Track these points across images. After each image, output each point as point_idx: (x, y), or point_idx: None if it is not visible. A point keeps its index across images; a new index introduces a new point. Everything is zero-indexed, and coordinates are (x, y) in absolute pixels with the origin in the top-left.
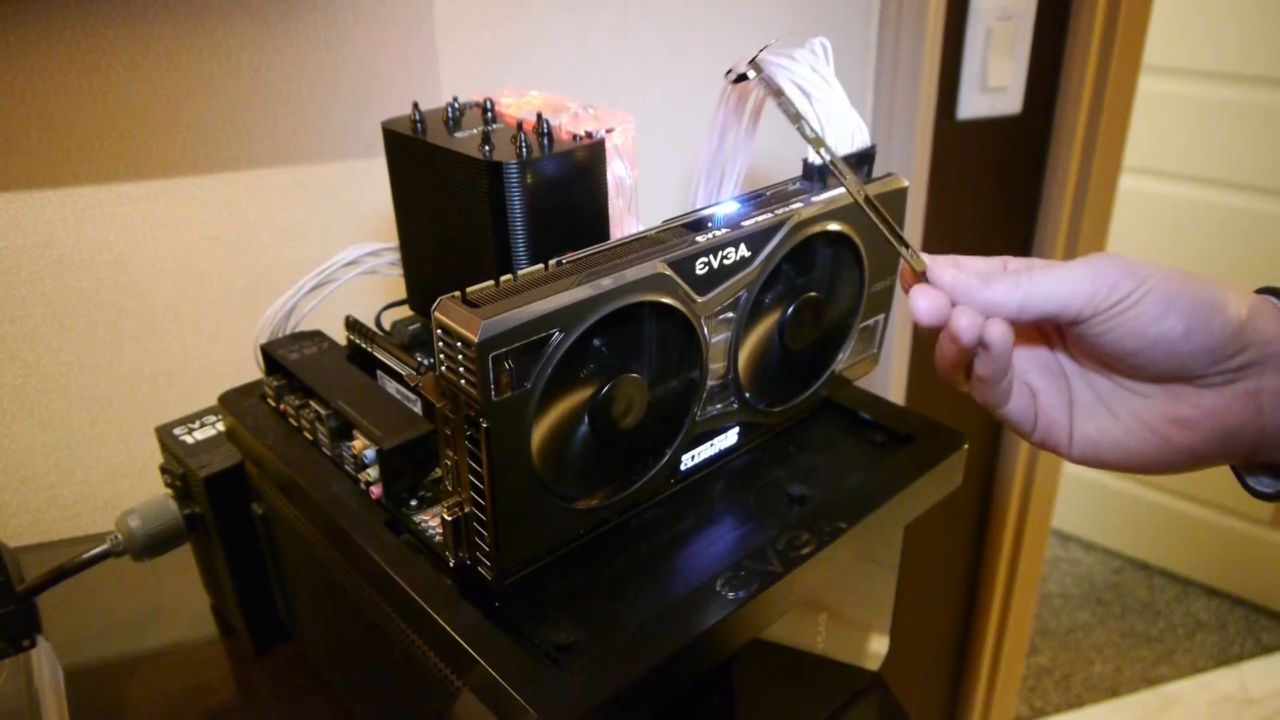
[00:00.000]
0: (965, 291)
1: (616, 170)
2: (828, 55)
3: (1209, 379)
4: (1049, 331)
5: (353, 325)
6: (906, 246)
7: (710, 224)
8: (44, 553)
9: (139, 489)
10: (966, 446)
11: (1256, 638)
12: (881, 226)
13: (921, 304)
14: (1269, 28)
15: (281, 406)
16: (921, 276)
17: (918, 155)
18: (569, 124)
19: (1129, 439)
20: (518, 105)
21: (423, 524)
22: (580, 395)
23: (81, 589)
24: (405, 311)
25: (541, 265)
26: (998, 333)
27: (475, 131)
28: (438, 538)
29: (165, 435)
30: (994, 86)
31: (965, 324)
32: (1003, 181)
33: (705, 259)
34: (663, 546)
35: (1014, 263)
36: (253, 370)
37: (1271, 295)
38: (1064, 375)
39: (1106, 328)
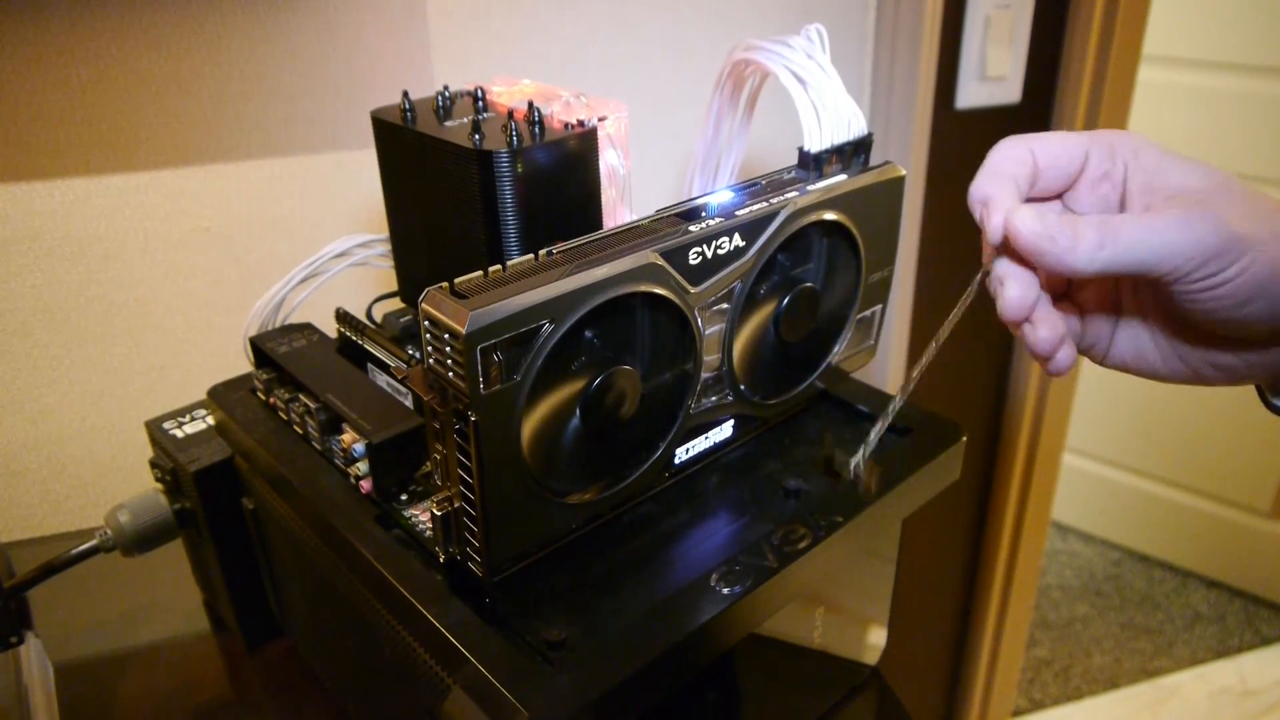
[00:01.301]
0: (1045, 254)
1: (609, 159)
2: (824, 43)
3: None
4: None
5: (343, 318)
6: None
7: (704, 213)
8: (34, 548)
9: (129, 484)
10: (965, 439)
11: (1255, 629)
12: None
13: (1012, 294)
14: (1269, 17)
15: (271, 400)
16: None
17: (915, 144)
18: (561, 112)
19: (1163, 367)
20: (509, 94)
21: (413, 519)
22: (572, 388)
23: (71, 585)
24: (397, 304)
25: (532, 255)
26: (1066, 359)
27: (465, 120)
28: (428, 533)
29: (155, 429)
30: (992, 76)
31: (1044, 337)
32: None
33: (699, 249)
34: (656, 541)
35: (1097, 159)
36: (243, 363)
37: None
38: (1118, 301)
39: (1185, 294)
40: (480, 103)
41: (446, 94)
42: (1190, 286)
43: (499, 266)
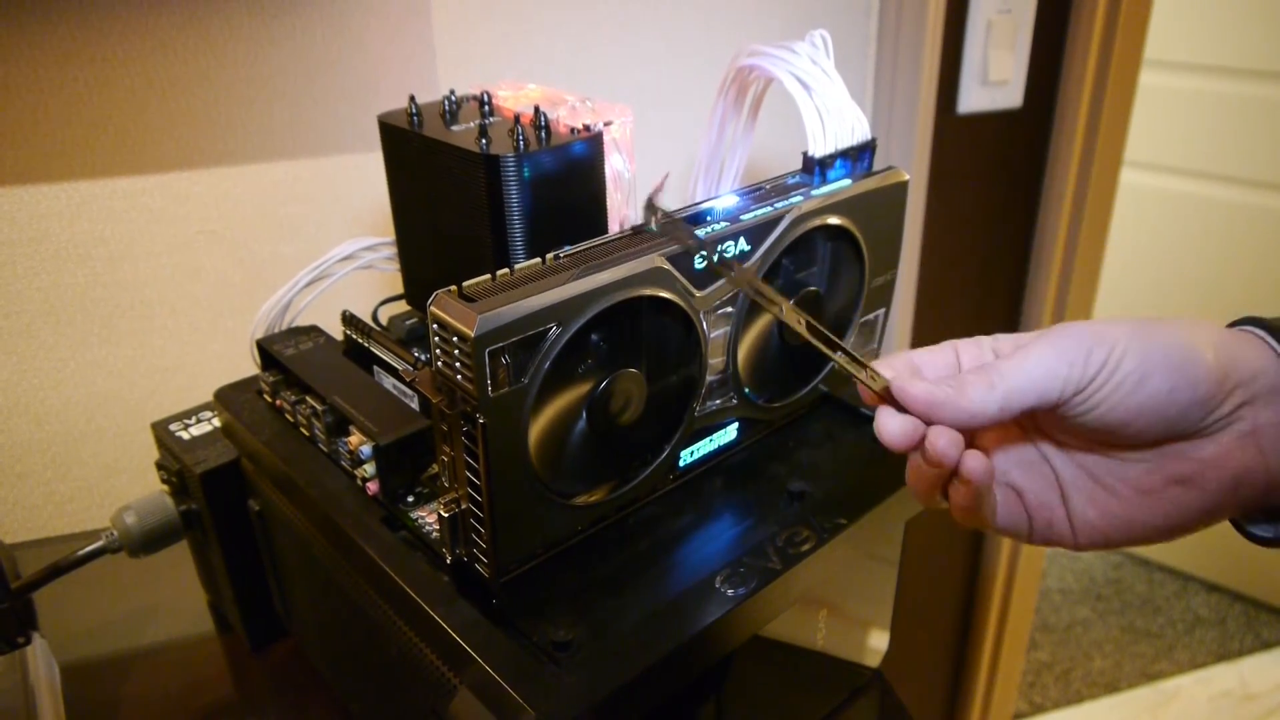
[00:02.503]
0: (941, 405)
1: (614, 163)
2: (828, 48)
3: (1203, 430)
4: (1023, 420)
5: (349, 320)
6: (864, 367)
7: (709, 217)
8: (40, 549)
9: (135, 485)
10: None
11: (1256, 633)
12: (825, 349)
13: (892, 428)
14: (1270, 22)
15: (278, 402)
16: (885, 394)
17: (918, 149)
18: (567, 117)
19: (1135, 512)
20: (515, 98)
21: (420, 520)
22: (578, 391)
23: (77, 586)
24: (402, 306)
25: (539, 259)
26: (978, 467)
27: (472, 125)
28: (435, 534)
29: (161, 431)
30: (995, 80)
31: (944, 445)
32: (1003, 176)
33: (704, 253)
34: (661, 543)
35: (967, 351)
36: (249, 366)
37: (1248, 326)
38: (1048, 464)
39: (1088, 405)
40: (486, 107)
41: (453, 98)
42: (1087, 393)
43: (507, 270)
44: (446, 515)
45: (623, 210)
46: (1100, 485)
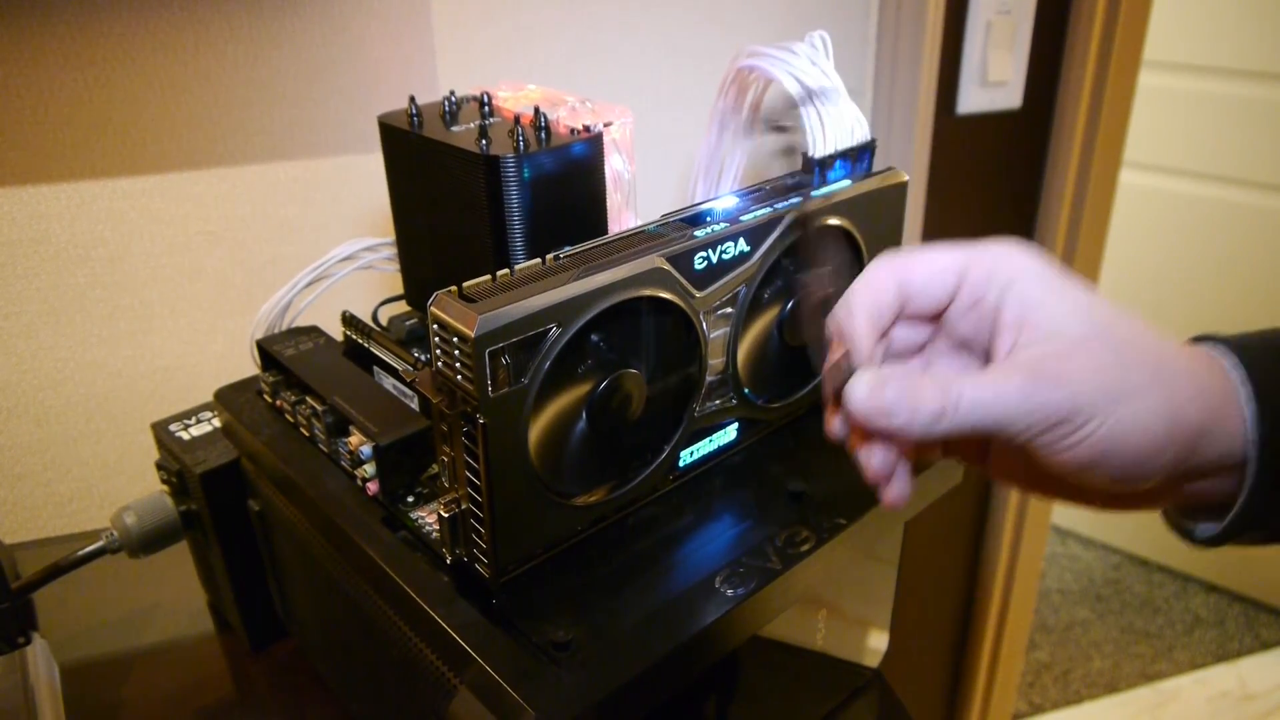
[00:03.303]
0: (882, 426)
1: (614, 164)
2: (827, 49)
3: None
4: None
5: (349, 321)
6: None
7: (709, 218)
8: (39, 549)
9: (135, 486)
10: None
11: (1255, 633)
12: None
13: (835, 431)
14: (1269, 23)
15: (278, 402)
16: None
17: (917, 150)
18: (567, 118)
19: (1048, 496)
20: (515, 99)
21: (420, 521)
22: (578, 391)
23: (77, 586)
24: (402, 307)
25: (539, 260)
26: (899, 498)
27: (472, 125)
28: (435, 534)
29: (161, 431)
30: (994, 81)
31: (878, 465)
32: (1003, 177)
33: (704, 254)
34: (661, 543)
35: (965, 320)
36: (249, 366)
37: (1212, 344)
38: (981, 448)
39: (1034, 451)
40: (486, 108)
41: (453, 99)
42: (1037, 447)
43: (507, 271)
44: (446, 515)
45: (622, 211)
46: (1031, 468)
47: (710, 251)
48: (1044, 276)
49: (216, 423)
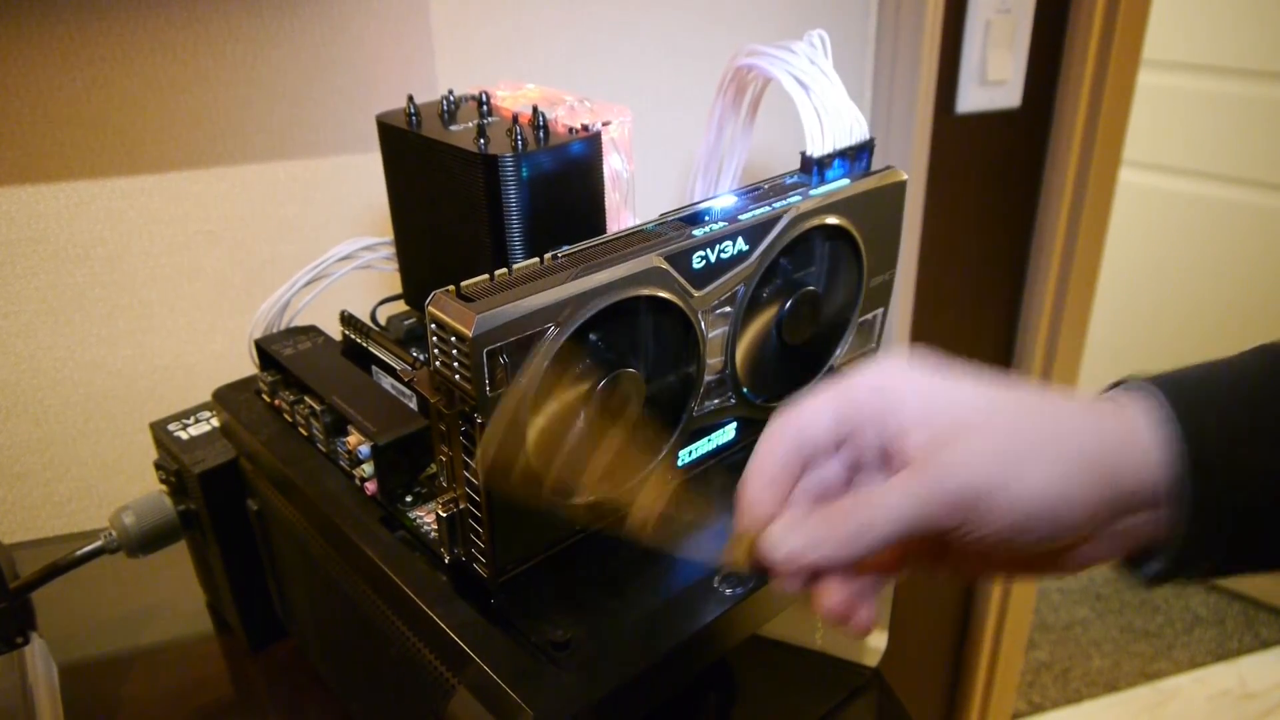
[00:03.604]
0: (803, 568)
1: (613, 163)
2: (826, 48)
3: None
4: None
5: (348, 320)
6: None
7: (707, 217)
8: (38, 549)
9: (134, 485)
10: None
11: (1255, 633)
12: None
13: (830, 600)
14: (1269, 22)
15: (276, 402)
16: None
17: (916, 149)
18: (565, 117)
19: (990, 573)
20: (513, 98)
21: (418, 520)
22: (576, 390)
23: (76, 586)
24: (401, 306)
25: (537, 259)
26: (866, 623)
27: (470, 124)
28: (433, 534)
29: (160, 431)
30: (993, 80)
31: (837, 604)
32: (1002, 176)
33: (702, 253)
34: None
35: (865, 474)
36: (247, 366)
37: (1128, 386)
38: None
39: (967, 539)
40: (485, 107)
41: (451, 98)
42: (960, 536)
43: (505, 270)
44: (445, 515)
45: (621, 210)
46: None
47: (709, 250)
48: (925, 378)
49: (215, 422)
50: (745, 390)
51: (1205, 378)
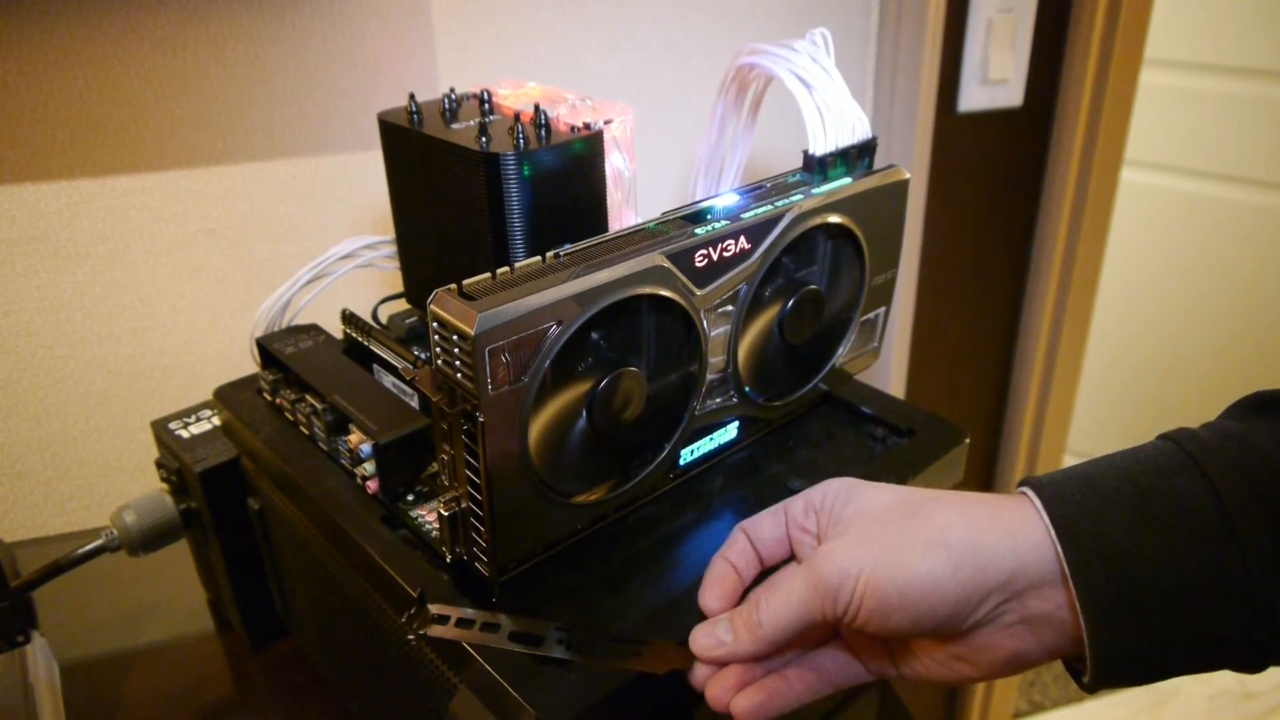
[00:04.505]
0: (725, 658)
1: (615, 162)
2: (828, 47)
3: (969, 629)
4: None
5: (349, 319)
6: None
7: (709, 216)
8: (39, 548)
9: (134, 484)
10: (968, 441)
11: None
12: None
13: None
14: (1271, 20)
15: (277, 401)
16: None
17: (918, 148)
18: (567, 115)
19: (931, 671)
20: (515, 97)
21: (419, 519)
22: (578, 389)
23: (77, 584)
24: (402, 305)
25: (539, 258)
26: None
27: (472, 123)
28: (435, 533)
29: (161, 430)
30: (995, 79)
31: (717, 694)
32: (1003, 175)
33: (704, 251)
34: (661, 542)
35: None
36: (248, 364)
37: (1027, 488)
38: (842, 642)
39: (852, 626)
40: (486, 105)
41: (453, 96)
42: (845, 625)
43: (507, 269)
44: (446, 514)
45: (622, 209)
46: (890, 654)
47: (711, 249)
48: (851, 488)
49: (216, 421)
50: (747, 389)
51: (1073, 475)
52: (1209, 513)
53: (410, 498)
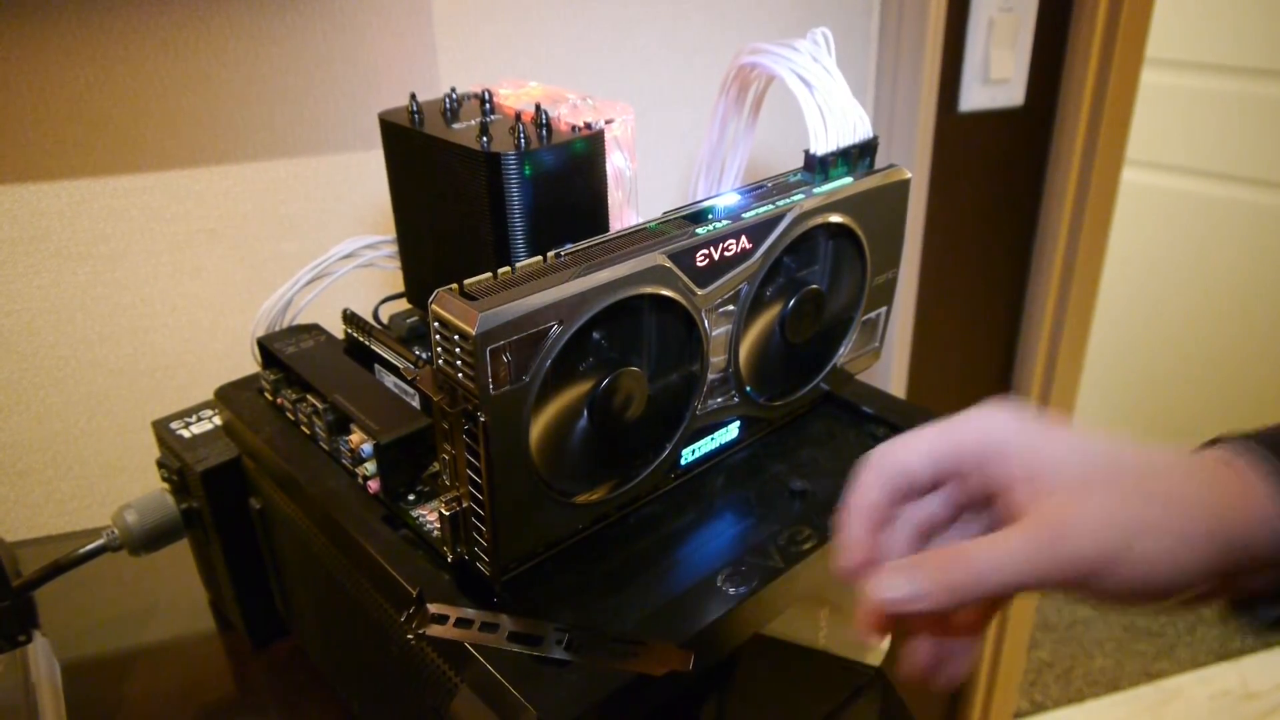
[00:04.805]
0: (920, 611)
1: (616, 162)
2: (829, 46)
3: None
4: None
5: (350, 319)
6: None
7: (710, 216)
8: (41, 548)
9: (136, 484)
10: None
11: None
12: None
13: (919, 656)
14: (1272, 20)
15: (278, 400)
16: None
17: (919, 148)
18: (568, 115)
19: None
20: (516, 96)
21: (421, 519)
22: (579, 389)
23: (78, 584)
24: (403, 305)
25: (540, 257)
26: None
27: (473, 123)
28: (436, 533)
29: (162, 429)
30: (996, 79)
31: (923, 657)
32: (1004, 174)
33: (705, 251)
34: (663, 542)
35: (968, 515)
36: (249, 364)
37: (1229, 444)
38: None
39: (1074, 595)
40: (488, 105)
41: (454, 96)
42: (1065, 592)
43: (508, 268)
44: (447, 514)
45: (623, 208)
46: None
47: (712, 249)
48: (1031, 430)
49: (217, 420)
50: (748, 389)
51: None
52: None
53: (411, 497)
